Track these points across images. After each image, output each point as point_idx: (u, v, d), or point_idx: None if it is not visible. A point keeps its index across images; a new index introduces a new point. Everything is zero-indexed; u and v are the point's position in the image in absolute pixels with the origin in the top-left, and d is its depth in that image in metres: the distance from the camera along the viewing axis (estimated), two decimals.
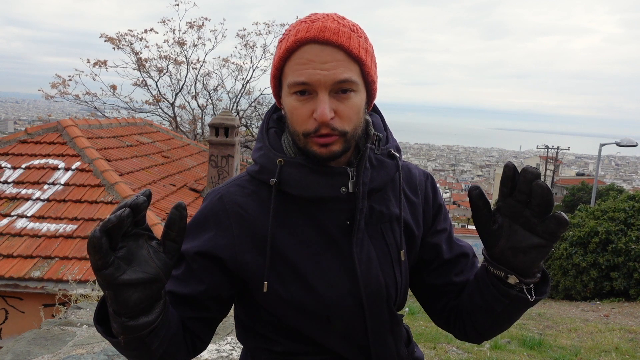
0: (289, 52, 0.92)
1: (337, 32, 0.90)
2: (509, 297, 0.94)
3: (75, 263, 5.36)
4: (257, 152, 1.02)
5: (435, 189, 1.14)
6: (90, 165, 6.75)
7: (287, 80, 0.93)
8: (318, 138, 0.92)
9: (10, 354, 2.64)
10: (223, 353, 2.85)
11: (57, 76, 15.27)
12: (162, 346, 0.87)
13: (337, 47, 0.90)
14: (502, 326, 1.03)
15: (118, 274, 0.76)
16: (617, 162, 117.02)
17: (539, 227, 0.84)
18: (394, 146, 1.05)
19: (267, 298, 0.97)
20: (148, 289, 0.79)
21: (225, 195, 1.00)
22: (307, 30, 0.90)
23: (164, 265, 0.80)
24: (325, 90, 0.90)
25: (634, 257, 7.60)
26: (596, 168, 17.64)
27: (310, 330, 0.99)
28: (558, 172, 43.04)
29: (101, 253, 0.73)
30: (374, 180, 0.99)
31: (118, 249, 0.77)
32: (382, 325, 1.02)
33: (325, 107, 0.89)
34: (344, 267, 0.97)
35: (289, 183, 0.96)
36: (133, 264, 0.77)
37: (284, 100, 0.96)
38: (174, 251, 0.81)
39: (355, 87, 0.92)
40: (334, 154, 0.93)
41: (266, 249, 0.95)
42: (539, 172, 0.82)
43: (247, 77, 16.81)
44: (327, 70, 0.89)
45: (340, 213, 0.98)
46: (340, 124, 0.92)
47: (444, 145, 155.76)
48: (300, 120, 0.92)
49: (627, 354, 4.34)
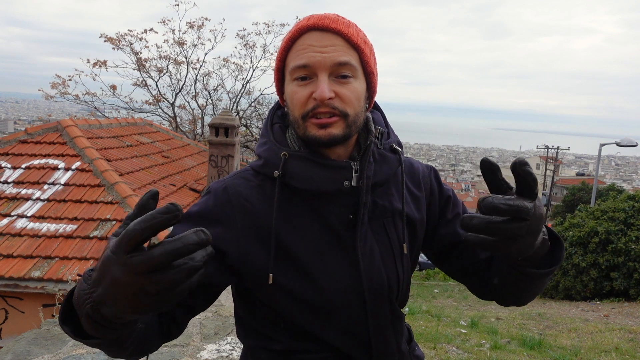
0: (292, 41, 0.95)
1: (336, 21, 0.94)
2: (523, 274, 0.93)
3: (75, 263, 5.36)
4: (262, 147, 1.03)
5: (439, 181, 1.16)
6: (90, 165, 6.75)
7: (289, 67, 0.95)
8: (317, 119, 0.93)
9: (10, 354, 2.64)
10: (223, 353, 2.85)
11: (57, 76, 15.33)
12: (135, 342, 0.84)
13: (336, 33, 0.93)
14: (536, 291, 1.02)
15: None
16: (617, 162, 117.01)
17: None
18: (395, 141, 1.07)
19: (270, 292, 0.97)
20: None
21: (230, 186, 1.01)
22: (308, 20, 0.95)
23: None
24: (325, 72, 0.92)
25: (634, 257, 7.60)
26: (596, 168, 17.64)
27: (311, 324, 0.99)
28: (558, 172, 43.03)
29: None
30: (377, 175, 1.00)
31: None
32: (383, 320, 1.02)
33: (324, 85, 0.91)
34: (346, 261, 0.98)
35: (292, 176, 0.97)
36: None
37: (287, 89, 0.98)
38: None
39: (355, 73, 0.94)
40: (333, 137, 0.93)
41: (270, 242, 0.96)
42: (523, 160, 0.76)
43: (247, 77, 16.86)
44: (327, 52, 0.92)
45: (344, 207, 0.99)
46: (340, 104, 0.93)
47: (444, 145, 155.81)
48: (300, 103, 0.94)
49: (627, 354, 4.33)
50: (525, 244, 0.78)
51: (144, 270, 0.64)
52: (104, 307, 0.71)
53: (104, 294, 0.70)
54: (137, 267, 0.64)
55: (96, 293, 0.70)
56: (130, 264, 0.64)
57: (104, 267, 0.68)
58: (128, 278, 0.65)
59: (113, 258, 0.66)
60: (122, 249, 0.65)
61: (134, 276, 0.64)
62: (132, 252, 0.65)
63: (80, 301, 0.73)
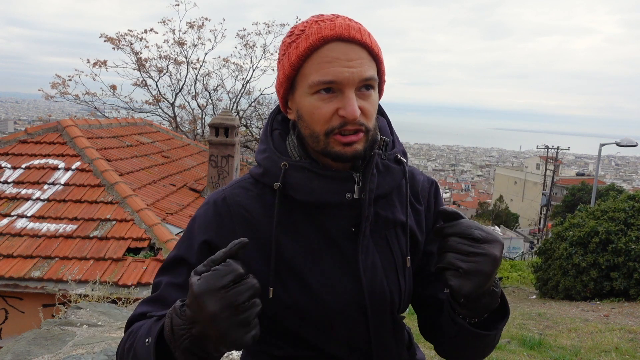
0: (311, 49, 0.89)
1: (360, 31, 0.90)
2: (456, 324, 0.95)
3: (75, 263, 5.36)
4: (261, 155, 1.00)
5: (438, 196, 1.13)
6: (90, 165, 6.75)
7: (310, 80, 0.89)
8: (341, 137, 0.90)
9: (10, 354, 2.64)
10: None
11: (57, 76, 15.31)
12: None
13: (362, 45, 0.89)
14: (466, 352, 1.02)
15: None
16: (617, 162, 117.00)
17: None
18: (400, 151, 1.04)
19: (270, 304, 0.95)
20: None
21: (229, 197, 0.99)
22: (331, 28, 0.88)
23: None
24: (352, 88, 0.88)
25: (634, 257, 7.60)
26: (596, 168, 17.64)
27: (312, 335, 0.98)
28: (558, 172, 43.03)
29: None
30: (380, 187, 0.98)
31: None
32: (385, 332, 1.01)
33: (354, 104, 0.88)
34: (348, 274, 0.96)
35: (293, 187, 0.94)
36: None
37: (303, 102, 0.92)
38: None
39: (375, 85, 0.93)
40: (358, 153, 0.91)
41: (270, 254, 0.94)
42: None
43: (247, 77, 16.84)
44: (355, 67, 0.88)
45: (345, 219, 0.96)
46: (365, 120, 0.91)
47: (444, 145, 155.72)
48: (324, 119, 0.90)
49: (627, 354, 4.33)
50: (479, 282, 0.83)
51: (240, 301, 0.74)
52: (207, 341, 0.76)
53: (203, 330, 0.75)
54: (236, 297, 0.74)
55: (195, 329, 0.76)
56: (227, 297, 0.73)
57: (198, 306, 0.74)
58: (227, 312, 0.73)
59: (209, 295, 0.73)
60: (220, 285, 0.74)
61: (231, 309, 0.73)
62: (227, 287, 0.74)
63: (176, 337, 0.78)
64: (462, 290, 0.83)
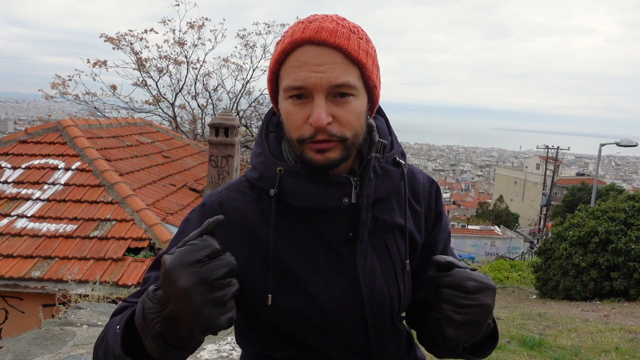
0: (285, 54, 0.87)
1: (334, 33, 0.85)
2: (446, 345, 0.99)
3: (75, 263, 5.36)
4: (257, 159, 0.98)
5: (438, 196, 1.12)
6: (90, 165, 6.75)
7: (283, 84, 0.88)
8: (314, 144, 0.87)
9: (10, 354, 2.64)
10: (223, 353, 2.85)
11: (57, 76, 15.30)
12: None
13: (335, 48, 0.85)
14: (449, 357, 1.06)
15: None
16: (617, 162, 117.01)
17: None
18: (399, 152, 1.01)
19: (269, 309, 0.94)
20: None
21: (225, 200, 0.97)
22: (303, 31, 0.85)
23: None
24: (322, 94, 0.84)
25: (634, 257, 7.59)
26: (596, 168, 17.64)
27: (311, 339, 0.97)
28: (558, 172, 43.03)
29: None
30: (378, 191, 0.96)
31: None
32: (385, 336, 1.00)
33: (321, 111, 0.84)
34: (347, 279, 0.95)
35: (289, 193, 0.92)
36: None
37: (281, 105, 0.91)
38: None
39: (355, 92, 0.87)
40: (331, 162, 0.88)
41: (268, 260, 0.92)
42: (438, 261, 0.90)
43: (247, 77, 16.83)
44: (324, 72, 0.84)
45: (343, 224, 0.95)
46: (338, 130, 0.86)
47: (444, 145, 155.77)
48: (295, 126, 0.87)
49: (627, 354, 4.33)
50: (474, 331, 0.87)
51: (215, 277, 0.71)
52: (179, 323, 0.73)
53: (176, 308, 0.72)
54: (211, 273, 0.71)
55: (167, 309, 0.73)
56: (201, 271, 0.71)
57: (170, 282, 0.72)
58: (200, 287, 0.70)
59: (182, 269, 0.71)
60: (193, 259, 0.71)
61: (205, 285, 0.70)
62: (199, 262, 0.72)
63: (147, 321, 0.75)
64: (458, 339, 0.88)
